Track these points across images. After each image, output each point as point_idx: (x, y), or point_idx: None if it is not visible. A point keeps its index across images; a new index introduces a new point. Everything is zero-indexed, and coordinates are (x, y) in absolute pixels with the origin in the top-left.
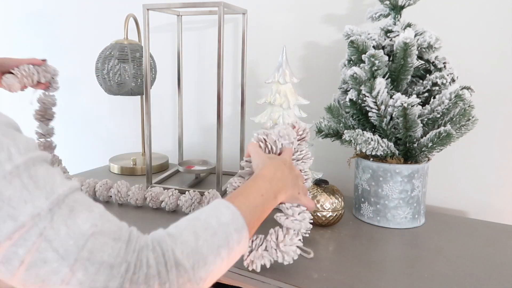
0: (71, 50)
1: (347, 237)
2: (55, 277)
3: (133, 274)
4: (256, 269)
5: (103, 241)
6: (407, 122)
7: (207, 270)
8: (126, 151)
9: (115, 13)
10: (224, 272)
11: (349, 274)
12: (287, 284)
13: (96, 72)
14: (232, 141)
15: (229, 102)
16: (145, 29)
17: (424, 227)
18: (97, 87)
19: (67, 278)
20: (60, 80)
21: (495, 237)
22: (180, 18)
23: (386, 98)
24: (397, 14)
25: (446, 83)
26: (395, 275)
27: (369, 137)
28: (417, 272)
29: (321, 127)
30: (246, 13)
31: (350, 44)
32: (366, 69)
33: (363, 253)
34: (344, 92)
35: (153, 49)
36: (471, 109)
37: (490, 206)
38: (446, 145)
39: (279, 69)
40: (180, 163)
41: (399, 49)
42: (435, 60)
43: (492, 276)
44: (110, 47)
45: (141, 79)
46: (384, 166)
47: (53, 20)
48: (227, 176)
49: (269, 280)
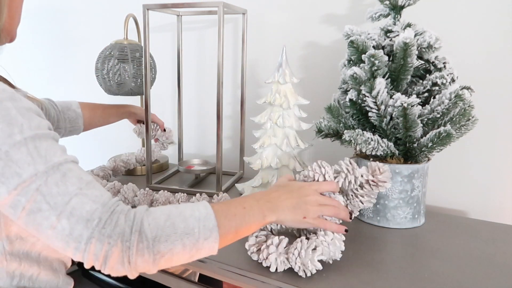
0: (71, 50)
1: (347, 237)
2: (46, 222)
3: (102, 228)
4: (271, 267)
5: (84, 201)
6: (407, 122)
7: (167, 247)
8: (126, 151)
9: (115, 13)
10: (186, 260)
11: (349, 274)
12: (287, 284)
13: (96, 72)
14: (232, 141)
15: (229, 102)
16: (145, 29)
17: (424, 227)
18: (97, 87)
19: (54, 224)
20: (60, 80)
21: (495, 237)
22: (180, 18)
23: (386, 98)
24: (397, 14)
25: (446, 83)
26: (395, 275)
27: (369, 137)
28: (417, 272)
29: (321, 127)
30: (246, 13)
31: (350, 44)
32: (366, 69)
33: (363, 253)
34: (344, 92)
35: (153, 49)
36: (471, 109)
37: (490, 206)
38: (446, 145)
39: (279, 69)
40: (180, 163)
41: (399, 49)
42: (435, 60)
43: (492, 276)
44: (110, 47)
45: (141, 79)
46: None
47: (53, 20)
48: (227, 176)
49: (269, 280)
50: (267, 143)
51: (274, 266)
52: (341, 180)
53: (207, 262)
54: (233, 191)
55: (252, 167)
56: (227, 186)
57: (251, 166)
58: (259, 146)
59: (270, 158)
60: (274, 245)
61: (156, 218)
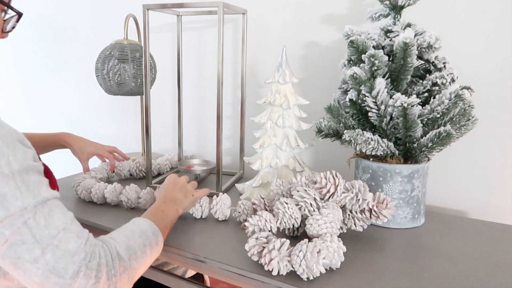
0: (71, 50)
1: (347, 237)
2: (28, 255)
3: (88, 261)
4: (273, 272)
5: (70, 235)
6: (407, 122)
7: (138, 261)
8: (126, 151)
9: (115, 13)
10: (149, 265)
11: (349, 274)
12: (287, 284)
13: (96, 72)
14: (232, 141)
15: (229, 102)
16: (145, 29)
17: (424, 227)
18: (97, 87)
19: (38, 257)
20: (60, 80)
21: (495, 237)
22: (180, 18)
23: (386, 98)
24: (397, 14)
25: (446, 83)
26: (395, 275)
27: (369, 137)
28: (417, 272)
29: (321, 127)
30: (246, 13)
31: (350, 44)
32: (366, 69)
33: (363, 253)
34: (344, 92)
35: (153, 49)
36: (471, 109)
37: (490, 206)
38: (446, 145)
39: (279, 69)
40: (180, 163)
41: (399, 49)
42: (435, 60)
43: (492, 276)
44: (110, 47)
45: (141, 79)
46: (384, 166)
47: (53, 20)
48: (227, 176)
49: (269, 280)
50: (267, 143)
51: (277, 270)
52: (349, 197)
53: (207, 262)
54: (233, 191)
55: (252, 167)
56: (227, 186)
57: (251, 166)
58: (259, 146)
59: (270, 158)
60: (276, 250)
61: (123, 242)
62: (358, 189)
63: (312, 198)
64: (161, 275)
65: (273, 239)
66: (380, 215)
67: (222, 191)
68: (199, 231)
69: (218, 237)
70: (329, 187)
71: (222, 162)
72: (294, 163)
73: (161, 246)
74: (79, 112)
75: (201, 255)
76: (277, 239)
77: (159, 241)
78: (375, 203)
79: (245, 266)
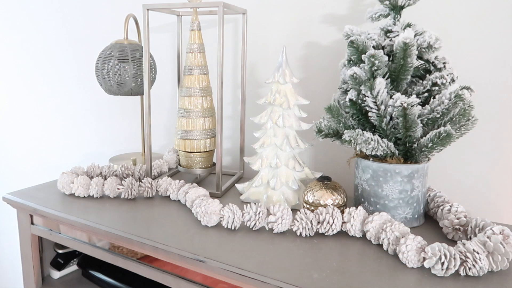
0: (71, 50)
1: (347, 237)
2: None
3: None
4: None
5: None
6: (407, 122)
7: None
8: (126, 151)
9: (115, 13)
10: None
11: (349, 274)
12: (287, 284)
13: (96, 72)
14: (232, 141)
15: (229, 102)
16: (145, 29)
17: (424, 227)
18: (97, 87)
19: None
20: (60, 80)
21: None
22: (180, 18)
23: (386, 98)
24: (397, 14)
25: (446, 83)
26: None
27: (369, 137)
28: (416, 272)
29: (321, 127)
30: (246, 13)
31: (350, 44)
32: (366, 69)
33: (363, 253)
34: (344, 92)
35: (153, 49)
36: (471, 109)
37: (490, 206)
38: (446, 145)
39: (279, 69)
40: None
41: (399, 49)
42: (435, 60)
43: (492, 276)
44: (110, 47)
45: (141, 79)
46: (384, 166)
47: (53, 20)
48: (227, 176)
49: (269, 280)
50: (267, 143)
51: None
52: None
53: (207, 262)
54: (233, 191)
55: (252, 167)
56: (227, 186)
57: (251, 166)
58: (259, 146)
59: (270, 158)
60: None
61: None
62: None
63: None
64: (160, 275)
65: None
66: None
67: (222, 191)
68: (199, 231)
69: (218, 237)
70: (326, 216)
71: (222, 162)
72: (294, 163)
73: None
74: (79, 112)
75: (201, 255)
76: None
77: None
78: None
79: (245, 266)
